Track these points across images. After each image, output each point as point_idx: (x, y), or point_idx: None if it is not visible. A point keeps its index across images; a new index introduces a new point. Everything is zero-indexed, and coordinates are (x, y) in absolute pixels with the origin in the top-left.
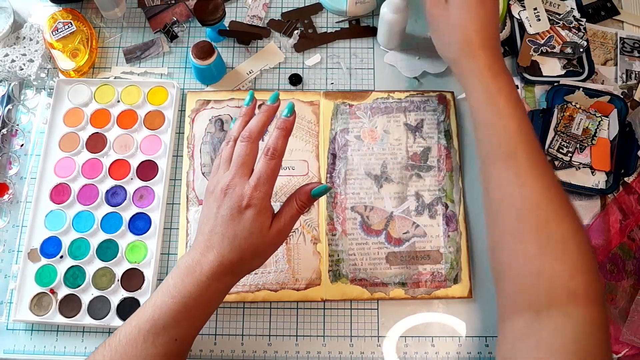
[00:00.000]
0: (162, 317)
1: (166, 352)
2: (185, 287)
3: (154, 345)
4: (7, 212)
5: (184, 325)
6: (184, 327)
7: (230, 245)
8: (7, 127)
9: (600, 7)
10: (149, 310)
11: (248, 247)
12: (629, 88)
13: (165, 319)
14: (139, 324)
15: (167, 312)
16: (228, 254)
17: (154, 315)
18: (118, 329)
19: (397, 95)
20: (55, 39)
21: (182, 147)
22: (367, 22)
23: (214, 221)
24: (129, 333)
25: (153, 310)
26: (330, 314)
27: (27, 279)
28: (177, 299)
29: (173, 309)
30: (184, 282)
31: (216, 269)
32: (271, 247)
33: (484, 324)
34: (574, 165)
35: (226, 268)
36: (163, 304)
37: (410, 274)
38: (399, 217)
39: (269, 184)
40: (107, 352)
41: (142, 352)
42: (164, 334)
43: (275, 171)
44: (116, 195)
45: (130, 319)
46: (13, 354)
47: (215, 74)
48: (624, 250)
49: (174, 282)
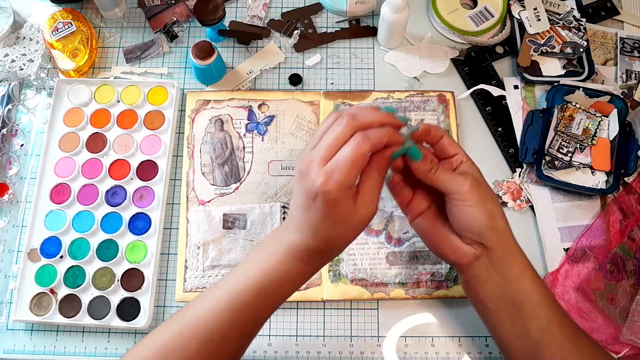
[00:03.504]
0: (242, 292)
1: (244, 331)
2: (269, 265)
3: (231, 321)
4: (7, 212)
5: (259, 302)
6: (260, 305)
7: (312, 233)
8: (7, 127)
9: (600, 7)
10: (228, 286)
11: (332, 234)
12: (629, 88)
13: (243, 296)
14: (219, 297)
15: (248, 288)
16: (312, 240)
17: (236, 288)
18: (193, 301)
19: (397, 95)
20: (55, 39)
21: (182, 147)
22: (367, 22)
23: (294, 203)
24: (206, 307)
25: (234, 282)
26: (330, 314)
27: (27, 279)
28: (261, 277)
29: (255, 287)
30: (269, 259)
31: (302, 252)
32: (360, 226)
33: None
34: (574, 165)
35: (313, 251)
36: (247, 279)
37: (410, 274)
38: (399, 217)
39: (345, 174)
40: (183, 323)
41: (219, 329)
42: (243, 312)
43: (357, 161)
44: (116, 195)
45: (209, 291)
46: (13, 354)
47: (215, 74)
48: (624, 250)
49: (257, 259)
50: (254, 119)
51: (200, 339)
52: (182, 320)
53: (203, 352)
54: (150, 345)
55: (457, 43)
